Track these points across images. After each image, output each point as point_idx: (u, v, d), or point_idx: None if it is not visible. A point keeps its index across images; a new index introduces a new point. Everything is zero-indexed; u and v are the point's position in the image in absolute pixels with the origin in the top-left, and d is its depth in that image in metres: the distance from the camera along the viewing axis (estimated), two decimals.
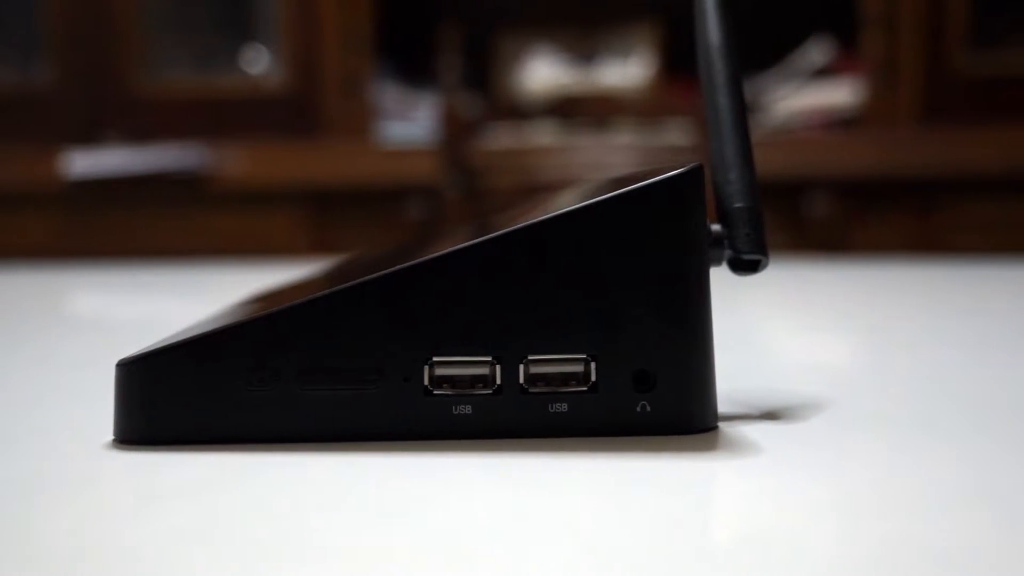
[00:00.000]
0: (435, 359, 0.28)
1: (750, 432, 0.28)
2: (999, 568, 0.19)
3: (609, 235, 0.27)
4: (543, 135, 1.60)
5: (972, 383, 0.37)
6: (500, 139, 1.59)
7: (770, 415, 0.30)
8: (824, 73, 1.62)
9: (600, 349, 0.27)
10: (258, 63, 1.72)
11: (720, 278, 0.31)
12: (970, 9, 1.57)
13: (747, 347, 0.47)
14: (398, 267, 0.28)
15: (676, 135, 1.52)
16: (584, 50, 1.76)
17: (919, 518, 0.22)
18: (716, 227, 0.30)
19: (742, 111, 0.32)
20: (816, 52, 1.64)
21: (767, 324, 0.58)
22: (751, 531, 0.21)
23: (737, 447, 0.27)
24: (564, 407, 0.28)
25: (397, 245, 0.43)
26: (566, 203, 0.29)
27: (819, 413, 0.31)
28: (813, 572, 0.19)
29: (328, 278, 0.36)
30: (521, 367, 0.28)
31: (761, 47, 1.61)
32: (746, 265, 0.30)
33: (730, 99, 0.32)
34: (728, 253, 0.30)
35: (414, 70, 1.70)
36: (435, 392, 0.28)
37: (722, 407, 0.30)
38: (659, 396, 0.28)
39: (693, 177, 0.28)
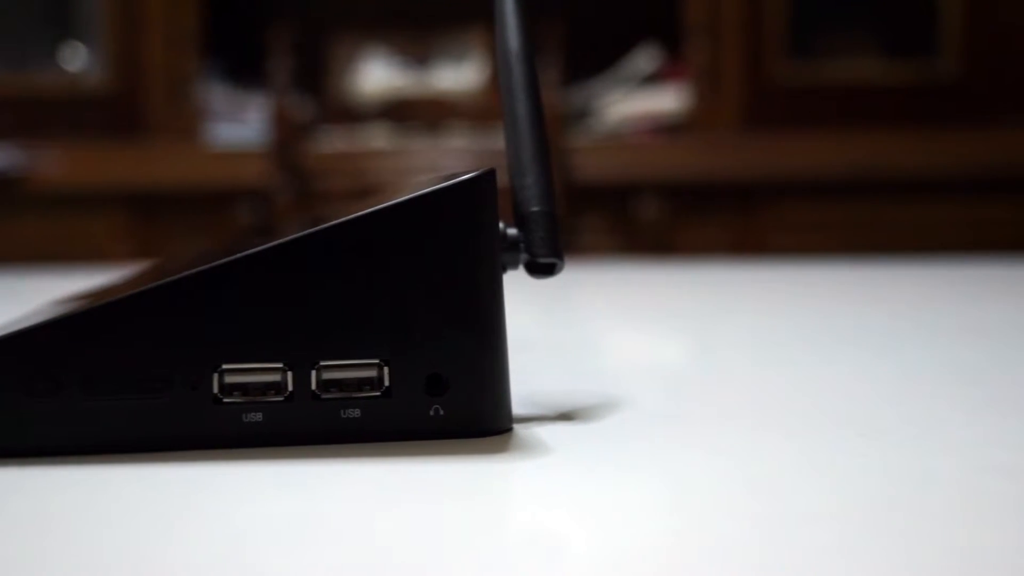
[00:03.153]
0: (225, 366, 0.27)
1: (543, 433, 0.29)
2: (776, 560, 0.20)
3: (399, 240, 0.27)
4: (376, 138, 1.59)
5: (771, 382, 0.38)
6: (333, 142, 1.57)
7: (566, 416, 0.31)
8: (652, 80, 1.67)
9: (393, 354, 0.27)
10: (77, 60, 1.65)
11: (547, 282, 0.31)
12: (788, 22, 1.64)
13: (560, 349, 0.48)
14: (184, 273, 0.27)
15: None
16: (418, 53, 1.76)
17: (700, 513, 0.22)
18: (512, 231, 0.31)
19: (539, 116, 0.33)
20: (644, 59, 1.68)
21: (587, 326, 0.59)
22: (536, 530, 0.22)
23: (528, 448, 0.27)
24: (357, 412, 0.27)
25: (204, 250, 0.42)
26: (364, 207, 0.29)
27: (614, 413, 0.32)
28: (590, 570, 0.19)
29: (127, 284, 0.35)
30: (313, 373, 0.27)
31: (591, 53, 1.64)
32: (541, 268, 0.31)
33: (527, 104, 0.33)
34: (524, 256, 0.31)
35: (244, 71, 1.67)
36: (225, 400, 0.27)
37: (520, 409, 0.31)
38: (452, 400, 0.28)
39: (484, 181, 0.28)
